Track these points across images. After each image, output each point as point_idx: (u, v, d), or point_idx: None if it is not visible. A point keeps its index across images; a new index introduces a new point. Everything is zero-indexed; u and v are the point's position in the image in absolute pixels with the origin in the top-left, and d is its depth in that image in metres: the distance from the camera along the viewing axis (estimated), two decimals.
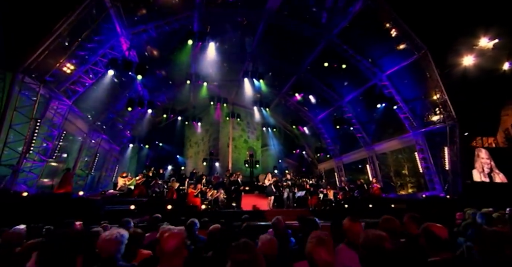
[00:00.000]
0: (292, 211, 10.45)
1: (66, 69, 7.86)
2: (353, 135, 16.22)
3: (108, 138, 12.51)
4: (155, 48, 11.59)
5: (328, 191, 12.32)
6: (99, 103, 11.31)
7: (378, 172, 14.95)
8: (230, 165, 19.02)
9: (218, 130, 20.37)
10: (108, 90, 11.33)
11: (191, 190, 10.03)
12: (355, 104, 16.04)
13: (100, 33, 8.86)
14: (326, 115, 17.65)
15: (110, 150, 13.39)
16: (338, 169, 18.15)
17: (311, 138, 19.93)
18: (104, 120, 11.52)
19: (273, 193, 10.77)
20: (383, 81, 13.41)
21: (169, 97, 15.78)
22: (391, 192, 15.19)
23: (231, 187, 10.76)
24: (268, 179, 10.86)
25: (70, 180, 7.58)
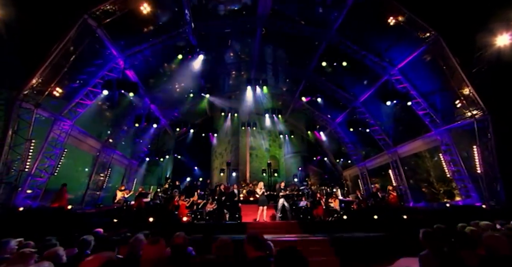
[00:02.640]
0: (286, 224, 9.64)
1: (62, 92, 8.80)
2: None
3: (122, 153, 13.53)
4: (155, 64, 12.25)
5: (332, 200, 11.11)
6: (110, 121, 12.42)
7: (403, 177, 12.96)
8: (248, 175, 18.79)
9: (238, 140, 20.48)
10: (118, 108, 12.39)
11: (182, 202, 10.05)
12: (371, 104, 14.45)
13: (99, 57, 9.82)
14: (343, 118, 16.25)
15: (128, 164, 14.48)
16: (362, 176, 16.35)
17: (331, 143, 18.51)
18: (117, 137, 12.52)
19: (266, 202, 10.11)
20: (395, 75, 11.83)
21: (182, 111, 16.45)
22: (423, 201, 12.95)
23: (221, 198, 10.44)
24: (260, 188, 10.26)
25: (65, 195, 8.35)
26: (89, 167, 11.93)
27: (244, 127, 18.90)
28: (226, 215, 10.87)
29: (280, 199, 10.45)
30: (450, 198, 13.30)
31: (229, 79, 16.76)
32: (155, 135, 15.83)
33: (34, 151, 8.18)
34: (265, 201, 10.05)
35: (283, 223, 9.64)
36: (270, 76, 18.59)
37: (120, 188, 10.15)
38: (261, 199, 10.10)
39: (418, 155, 13.39)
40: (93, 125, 11.24)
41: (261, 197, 10.14)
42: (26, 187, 8.00)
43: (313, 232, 8.02)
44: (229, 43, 14.07)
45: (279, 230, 8.51)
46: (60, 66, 8.12)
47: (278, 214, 10.37)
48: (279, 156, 21.40)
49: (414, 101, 11.31)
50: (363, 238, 6.82)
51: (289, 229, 8.56)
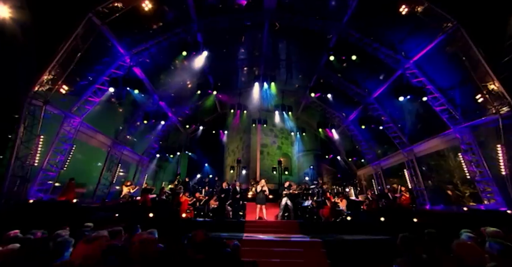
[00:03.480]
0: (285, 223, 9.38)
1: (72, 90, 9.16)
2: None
3: (132, 150, 13.91)
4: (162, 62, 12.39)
5: (339, 200, 10.64)
6: (120, 118, 12.80)
7: (419, 177, 12.11)
8: (258, 173, 18.61)
9: (249, 137, 20.35)
10: (128, 105, 12.71)
11: (185, 198, 10.10)
12: (385, 100, 13.66)
13: (106, 55, 10.11)
14: (356, 115, 15.53)
15: (139, 160, 14.90)
16: (376, 175, 15.56)
17: (344, 141, 17.80)
18: (127, 133, 12.89)
19: (263, 201, 9.90)
20: (410, 69, 11.04)
21: (192, 108, 16.59)
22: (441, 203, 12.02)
23: (221, 195, 10.37)
24: (260, 186, 10.05)
25: (73, 189, 8.71)
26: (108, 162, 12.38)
27: (254, 125, 18.65)
28: (230, 213, 10.89)
29: (284, 198, 10.20)
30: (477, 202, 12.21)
31: (238, 75, 16.61)
32: (165, 132, 16.12)
33: (45, 146, 8.58)
34: (263, 200, 9.88)
35: (283, 223, 9.42)
36: (280, 72, 18.22)
37: (125, 183, 10.42)
38: (259, 197, 9.92)
39: (440, 154, 12.40)
40: (104, 122, 11.62)
41: (259, 195, 9.95)
42: (38, 180, 8.42)
43: (312, 233, 7.78)
44: (237, 38, 13.91)
45: (276, 229, 8.35)
46: (67, 64, 8.43)
47: (280, 213, 10.13)
48: (291, 153, 21.00)
49: (431, 97, 10.48)
50: (361, 241, 6.50)
51: (287, 229, 8.35)
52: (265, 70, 15.89)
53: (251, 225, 8.87)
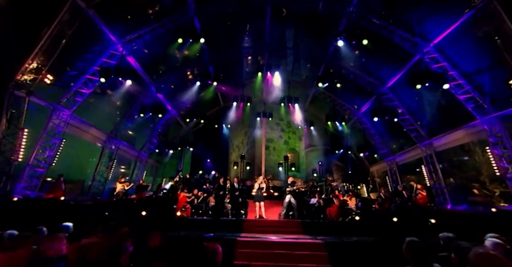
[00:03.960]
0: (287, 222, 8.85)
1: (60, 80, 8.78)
2: None
3: (129, 145, 13.61)
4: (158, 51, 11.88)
5: (348, 198, 9.99)
6: (115, 111, 12.45)
7: (439, 174, 11.23)
8: (263, 169, 18.07)
9: (254, 132, 19.77)
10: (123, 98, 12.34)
11: (183, 195, 9.69)
12: (400, 90, 12.73)
13: (96, 43, 9.67)
14: (369, 107, 14.66)
15: (138, 156, 14.59)
16: (391, 172, 14.72)
17: (356, 135, 16.99)
18: (122, 128, 12.55)
19: (261, 198, 9.38)
20: (430, 53, 10.08)
21: (193, 101, 16.13)
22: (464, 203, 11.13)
23: (219, 192, 9.89)
24: (258, 183, 9.52)
25: (61, 186, 8.41)
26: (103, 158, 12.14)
27: (259, 118, 18.02)
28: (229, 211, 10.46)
29: (287, 195, 9.65)
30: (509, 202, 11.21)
31: (241, 66, 15.95)
32: (165, 126, 15.74)
33: (32, 140, 8.28)
34: (260, 197, 9.41)
35: (284, 222, 8.96)
36: (286, 62, 17.49)
37: (119, 180, 10.10)
38: (257, 194, 9.46)
39: (464, 148, 11.40)
40: (97, 116, 11.30)
41: (257, 192, 9.48)
42: (25, 177, 8.15)
43: (316, 233, 7.33)
44: (238, 25, 13.24)
45: (277, 229, 7.91)
46: (52, 51, 8.01)
47: (283, 211, 9.60)
48: (299, 149, 20.35)
49: (454, 84, 9.54)
50: (369, 243, 6.07)
51: (289, 229, 7.91)
52: (269, 60, 15.19)
53: (250, 224, 8.45)
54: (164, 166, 17.65)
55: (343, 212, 9.63)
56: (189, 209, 9.66)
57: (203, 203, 10.54)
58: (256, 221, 9.05)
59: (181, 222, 8.41)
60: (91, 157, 12.51)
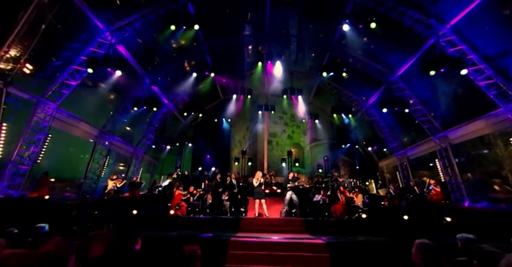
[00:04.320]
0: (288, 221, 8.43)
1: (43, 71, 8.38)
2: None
3: (124, 140, 13.26)
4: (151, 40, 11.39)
5: (354, 195, 9.48)
6: (107, 105, 12.07)
7: (455, 169, 10.55)
8: (265, 165, 17.62)
9: (256, 126, 19.28)
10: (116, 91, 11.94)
11: (178, 193, 9.29)
12: (412, 78, 12.00)
13: (83, 31, 9.24)
14: (378, 98, 13.97)
15: (133, 152, 14.24)
16: (402, 167, 14.08)
17: (364, 128, 16.33)
18: (116, 122, 12.17)
19: (262, 195, 8.93)
20: (446, 36, 9.33)
21: (190, 94, 15.68)
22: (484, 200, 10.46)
23: (217, 189, 9.47)
24: (256, 179, 9.05)
25: (46, 184, 8.05)
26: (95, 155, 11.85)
27: (261, 112, 17.49)
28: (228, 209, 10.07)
29: (288, 191, 9.19)
30: None
31: (241, 55, 15.37)
32: (162, 121, 15.34)
33: (14, 136, 7.94)
34: (261, 194, 8.94)
35: (285, 220, 8.54)
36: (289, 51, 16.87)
37: (111, 177, 9.75)
38: (256, 191, 8.97)
39: (484, 141, 10.63)
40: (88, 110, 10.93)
41: (257, 189, 8.98)
42: (7, 175, 7.83)
43: (318, 233, 7.06)
44: (237, 12, 12.64)
45: (276, 228, 7.59)
46: (31, 38, 7.57)
47: (284, 209, 9.16)
48: (303, 143, 19.79)
49: (473, 69, 8.81)
50: (376, 243, 5.71)
51: (290, 228, 7.60)
52: (270, 48, 14.58)
53: (248, 223, 8.10)
54: (162, 162, 17.31)
55: (349, 209, 9.16)
56: (184, 207, 9.26)
57: (199, 200, 10.14)
58: (255, 220, 8.65)
59: (174, 221, 8.04)
60: (85, 153, 12.22)
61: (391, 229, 7.03)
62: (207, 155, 20.01)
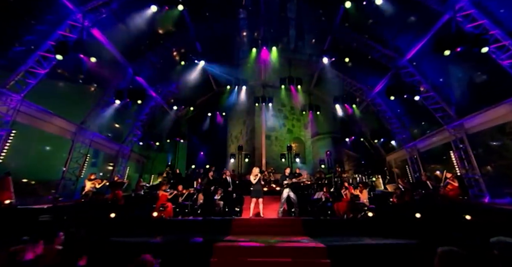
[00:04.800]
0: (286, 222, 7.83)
1: None
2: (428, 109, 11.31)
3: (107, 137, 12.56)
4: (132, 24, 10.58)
5: (360, 191, 8.81)
6: (87, 97, 11.34)
7: (473, 161, 9.76)
8: (264, 161, 16.90)
9: (253, 120, 18.54)
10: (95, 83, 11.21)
11: (162, 193, 8.59)
12: (423, 62, 11.23)
13: (50, 11, 8.46)
14: (384, 85, 13.15)
15: (120, 150, 13.51)
16: (412, 160, 13.31)
17: (370, 119, 15.56)
18: (97, 118, 11.41)
19: (260, 194, 8.25)
20: (464, 10, 8.47)
21: (181, 85, 14.92)
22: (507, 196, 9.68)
23: (209, 188, 8.77)
24: (254, 175, 8.34)
25: (6, 187, 7.33)
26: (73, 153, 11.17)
27: (258, 104, 16.71)
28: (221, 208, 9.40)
29: (285, 189, 8.51)
30: None
31: (234, 42, 14.58)
32: (150, 115, 14.58)
33: None
34: (259, 192, 8.24)
35: (282, 221, 7.90)
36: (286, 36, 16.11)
37: (89, 177, 9.03)
38: (254, 189, 8.27)
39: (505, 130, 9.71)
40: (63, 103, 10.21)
41: (255, 186, 8.29)
42: None
43: (318, 234, 6.48)
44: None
45: (272, 229, 7.07)
46: None
47: (281, 208, 8.52)
48: (305, 138, 19.04)
49: (495, 47, 7.98)
50: (382, 246, 5.11)
51: (287, 230, 7.01)
52: (266, 34, 13.75)
53: (240, 224, 7.50)
54: (152, 161, 16.60)
55: (353, 207, 8.48)
56: (170, 208, 8.55)
57: (187, 200, 9.44)
58: (249, 220, 8.02)
59: (157, 225, 7.35)
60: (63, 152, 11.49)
61: (401, 229, 6.47)
62: (201, 152, 19.32)
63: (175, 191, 9.35)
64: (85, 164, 10.79)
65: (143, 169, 16.15)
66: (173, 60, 13.63)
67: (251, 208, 8.26)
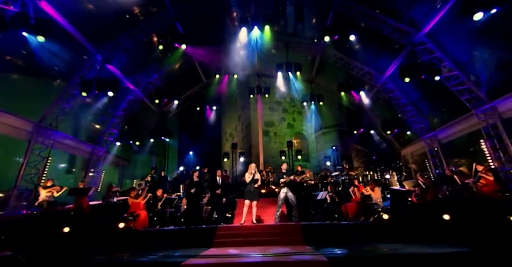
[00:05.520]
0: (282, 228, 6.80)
1: None
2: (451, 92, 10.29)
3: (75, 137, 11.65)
4: None
5: (371, 189, 7.92)
6: (44, 91, 10.41)
7: (510, 151, 8.71)
8: (261, 159, 15.95)
9: (249, 114, 17.63)
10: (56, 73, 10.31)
11: (132, 201, 7.64)
12: (445, 36, 10.16)
13: None
14: (397, 67, 12.13)
15: (91, 152, 12.55)
16: (431, 153, 12.29)
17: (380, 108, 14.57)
18: (60, 114, 10.44)
19: (255, 196, 7.37)
20: None
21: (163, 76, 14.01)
22: None
23: (189, 190, 7.84)
24: (250, 173, 7.46)
25: None
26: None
27: (253, 96, 15.77)
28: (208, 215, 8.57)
29: (282, 188, 7.61)
30: None
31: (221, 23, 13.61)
32: (128, 111, 13.62)
33: None
34: (253, 194, 7.32)
35: (278, 227, 6.89)
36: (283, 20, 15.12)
37: (44, 184, 8.03)
38: (248, 189, 7.35)
39: None
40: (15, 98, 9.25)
41: (249, 186, 7.36)
42: None
43: (321, 243, 5.68)
44: None
45: (266, 238, 6.16)
46: None
47: (278, 212, 7.60)
48: (307, 132, 18.14)
49: None
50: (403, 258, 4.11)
51: (283, 237, 6.22)
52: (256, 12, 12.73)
53: (226, 234, 6.54)
54: (134, 163, 15.67)
55: (365, 209, 7.63)
56: (143, 217, 7.58)
57: (166, 207, 8.49)
58: (238, 228, 7.08)
59: (123, 238, 6.39)
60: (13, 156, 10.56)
61: (426, 235, 5.72)
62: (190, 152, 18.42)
63: (149, 195, 8.37)
64: (46, 169, 9.79)
65: (124, 173, 15.23)
66: (151, 46, 12.67)
67: (244, 213, 7.35)
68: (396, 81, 12.45)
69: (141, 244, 6.36)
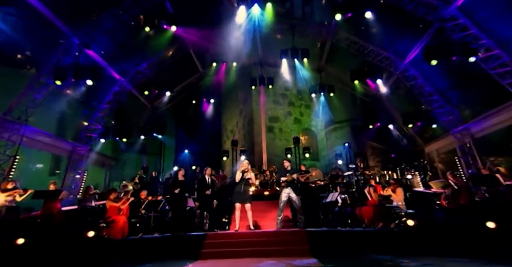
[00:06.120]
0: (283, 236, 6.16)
1: None
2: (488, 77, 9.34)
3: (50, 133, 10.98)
4: None
5: (392, 190, 7.13)
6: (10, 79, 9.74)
7: None
8: (265, 158, 15.20)
9: (251, 108, 16.89)
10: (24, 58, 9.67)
11: (111, 204, 6.87)
12: (481, 9, 9.20)
13: None
14: (422, 49, 11.15)
15: (73, 151, 11.86)
16: (462, 150, 11.29)
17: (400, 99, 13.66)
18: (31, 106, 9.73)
19: (247, 198, 6.68)
20: None
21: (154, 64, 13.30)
22: None
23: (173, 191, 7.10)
24: (241, 170, 6.71)
25: None
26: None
27: (254, 87, 14.99)
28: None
29: (284, 189, 6.93)
30: None
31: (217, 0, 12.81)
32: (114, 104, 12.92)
33: None
34: (241, 195, 6.63)
35: (279, 235, 6.29)
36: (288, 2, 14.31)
37: (4, 186, 7.26)
38: (237, 190, 6.64)
39: None
40: None
41: (237, 187, 6.68)
42: None
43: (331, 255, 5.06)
44: None
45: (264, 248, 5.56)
46: None
47: (279, 216, 6.92)
48: (316, 128, 17.33)
49: None
50: None
51: (284, 247, 5.60)
52: None
53: (217, 242, 5.96)
54: (123, 163, 15.00)
55: (384, 213, 6.92)
56: (121, 223, 6.79)
57: (150, 211, 7.71)
58: (231, 236, 6.43)
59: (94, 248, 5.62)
60: None
61: (464, 246, 4.98)
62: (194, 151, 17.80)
63: (131, 198, 7.58)
64: (13, 169, 9.08)
65: (111, 174, 14.57)
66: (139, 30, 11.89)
67: (236, 218, 6.66)
68: (420, 66, 11.49)
69: (113, 256, 5.59)
